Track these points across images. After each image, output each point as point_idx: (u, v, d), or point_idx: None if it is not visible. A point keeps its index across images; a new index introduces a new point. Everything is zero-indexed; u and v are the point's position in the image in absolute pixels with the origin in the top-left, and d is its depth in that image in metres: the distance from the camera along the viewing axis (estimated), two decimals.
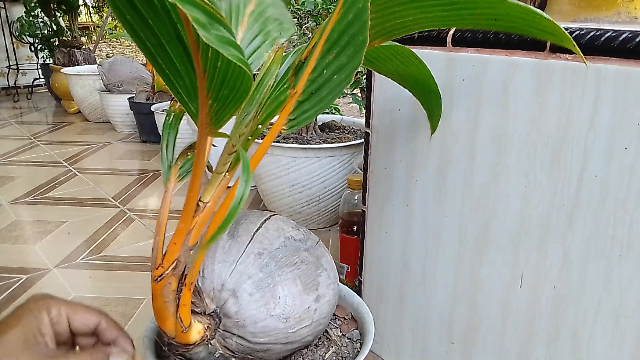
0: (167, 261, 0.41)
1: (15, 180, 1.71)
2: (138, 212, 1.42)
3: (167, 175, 0.46)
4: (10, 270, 1.09)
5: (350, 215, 0.91)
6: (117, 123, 2.40)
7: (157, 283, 0.41)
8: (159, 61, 0.31)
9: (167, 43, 0.30)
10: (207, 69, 0.30)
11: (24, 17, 3.09)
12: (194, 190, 0.39)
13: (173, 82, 0.33)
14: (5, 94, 3.45)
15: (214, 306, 0.44)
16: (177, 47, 0.30)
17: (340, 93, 0.37)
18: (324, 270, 0.49)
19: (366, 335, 0.53)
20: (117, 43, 6.42)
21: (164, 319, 0.43)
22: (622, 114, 0.44)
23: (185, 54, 0.30)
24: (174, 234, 0.41)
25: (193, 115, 0.35)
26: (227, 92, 0.31)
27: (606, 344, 0.50)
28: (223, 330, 0.45)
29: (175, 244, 0.41)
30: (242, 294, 0.44)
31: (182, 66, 0.31)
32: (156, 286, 0.42)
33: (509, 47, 0.51)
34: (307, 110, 0.38)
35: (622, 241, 0.47)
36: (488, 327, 0.60)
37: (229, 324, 0.44)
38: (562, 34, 0.33)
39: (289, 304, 0.45)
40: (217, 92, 0.31)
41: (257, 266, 0.45)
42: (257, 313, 0.44)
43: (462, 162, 0.58)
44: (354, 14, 0.33)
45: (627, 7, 0.57)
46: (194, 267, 0.42)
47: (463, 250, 0.61)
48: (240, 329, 0.44)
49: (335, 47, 0.35)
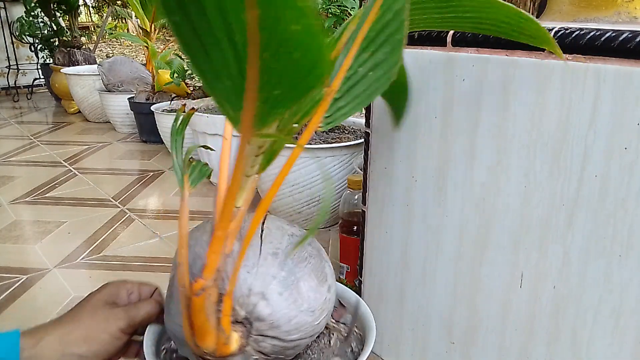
0: (209, 272, 0.39)
1: (15, 180, 1.71)
2: (138, 212, 1.42)
3: (182, 183, 0.44)
4: (10, 270, 1.10)
5: (350, 215, 0.91)
6: (117, 123, 2.40)
7: (199, 297, 0.39)
8: (200, 63, 0.30)
9: (213, 44, 0.29)
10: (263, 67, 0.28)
11: (24, 17, 3.09)
12: (232, 196, 0.37)
13: (214, 85, 0.31)
14: (5, 94, 3.45)
15: (244, 312, 0.44)
16: (226, 48, 0.29)
17: (379, 90, 0.36)
18: (326, 261, 0.50)
19: (368, 331, 0.53)
20: (117, 43, 6.42)
21: (205, 334, 0.41)
22: (622, 114, 0.44)
23: (234, 55, 0.29)
24: (213, 243, 0.39)
25: (232, 119, 0.33)
26: (278, 92, 0.29)
27: (606, 344, 0.50)
28: (256, 334, 0.44)
29: (214, 253, 0.39)
30: (271, 295, 0.44)
31: (228, 68, 0.30)
32: (197, 300, 0.39)
33: (509, 47, 0.51)
34: (343, 107, 0.38)
35: (622, 241, 0.47)
36: (488, 327, 0.60)
37: (262, 327, 0.44)
38: (546, 37, 0.33)
39: (312, 298, 0.46)
40: (268, 92, 0.29)
41: (277, 266, 0.45)
42: (289, 311, 0.44)
43: (462, 162, 0.58)
44: (393, 14, 0.34)
45: (627, 7, 0.57)
46: (235, 273, 0.41)
47: (463, 250, 0.61)
48: (275, 329, 0.44)
49: (371, 46, 0.35)
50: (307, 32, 0.24)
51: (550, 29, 0.48)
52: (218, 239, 0.39)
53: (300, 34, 0.24)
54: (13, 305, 0.97)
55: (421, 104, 0.61)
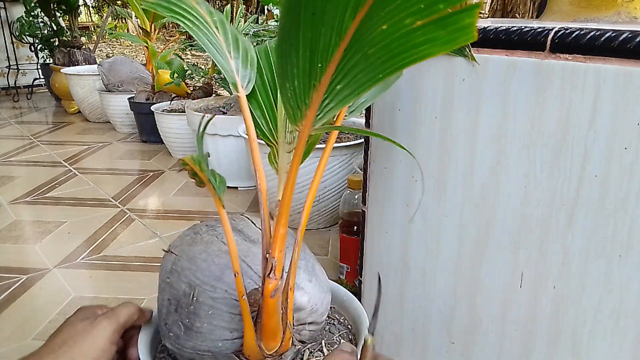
0: (279, 271, 0.39)
1: (15, 180, 1.71)
2: (138, 212, 1.42)
3: (222, 191, 0.42)
4: (10, 270, 1.10)
5: (350, 215, 0.91)
6: (117, 123, 2.40)
7: (274, 298, 0.38)
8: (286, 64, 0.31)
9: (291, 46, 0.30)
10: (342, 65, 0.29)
11: (24, 17, 3.09)
12: (290, 192, 0.37)
13: (286, 84, 0.32)
14: (5, 94, 3.45)
15: None
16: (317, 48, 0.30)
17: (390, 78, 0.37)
18: (305, 244, 0.53)
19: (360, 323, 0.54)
20: (117, 43, 6.42)
21: (274, 334, 0.40)
22: (622, 114, 0.44)
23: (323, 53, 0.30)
24: (278, 242, 0.39)
25: (292, 117, 0.34)
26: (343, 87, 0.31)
27: (606, 344, 0.50)
28: (297, 324, 0.46)
29: (281, 252, 0.39)
30: (304, 284, 0.46)
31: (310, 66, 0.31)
32: (272, 302, 0.38)
33: (509, 47, 0.51)
34: None
35: (622, 241, 0.47)
36: (488, 327, 0.60)
37: (302, 316, 0.46)
38: None
39: (324, 279, 0.50)
40: (333, 87, 0.31)
41: None
42: (320, 294, 0.47)
43: (462, 162, 0.58)
44: None
45: (627, 7, 0.57)
46: (294, 267, 0.41)
47: (463, 250, 0.61)
48: (314, 314, 0.46)
49: None
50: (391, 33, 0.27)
51: (550, 29, 0.48)
52: (282, 237, 0.39)
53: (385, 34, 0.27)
54: (13, 305, 0.97)
55: (421, 104, 0.61)
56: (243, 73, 0.46)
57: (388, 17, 0.26)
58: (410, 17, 0.26)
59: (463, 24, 0.25)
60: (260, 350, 0.42)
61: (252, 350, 0.42)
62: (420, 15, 0.26)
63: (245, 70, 0.47)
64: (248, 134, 0.44)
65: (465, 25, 0.25)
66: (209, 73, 2.02)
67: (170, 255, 0.48)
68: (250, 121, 0.45)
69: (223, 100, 1.84)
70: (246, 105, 0.45)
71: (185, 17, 0.44)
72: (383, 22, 0.27)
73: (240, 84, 0.46)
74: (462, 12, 0.25)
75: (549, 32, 0.48)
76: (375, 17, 0.27)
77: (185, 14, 0.44)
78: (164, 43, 4.44)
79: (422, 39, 0.26)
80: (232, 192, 1.59)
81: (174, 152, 1.98)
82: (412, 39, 0.27)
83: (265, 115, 0.48)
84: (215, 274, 0.44)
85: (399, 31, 0.27)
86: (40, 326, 0.90)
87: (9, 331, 0.89)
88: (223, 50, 0.46)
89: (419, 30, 0.26)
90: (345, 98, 0.31)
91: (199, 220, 1.37)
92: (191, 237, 0.48)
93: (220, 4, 4.66)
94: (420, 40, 0.26)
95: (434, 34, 0.26)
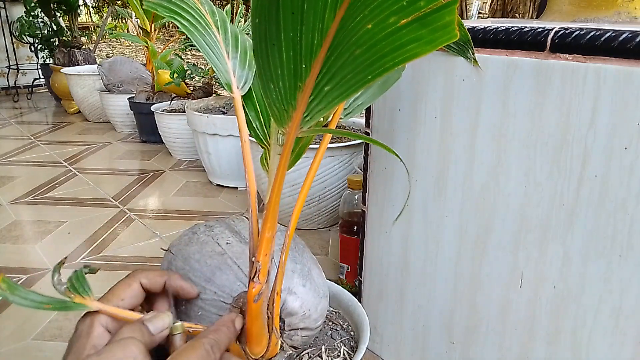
0: (263, 275, 0.38)
1: (15, 180, 1.71)
2: (138, 212, 1.42)
3: None
4: (10, 270, 1.10)
5: (350, 215, 0.91)
6: (117, 123, 2.40)
7: (257, 303, 0.37)
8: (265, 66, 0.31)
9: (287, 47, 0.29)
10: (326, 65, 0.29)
11: (24, 17, 3.09)
12: (277, 195, 0.36)
13: (270, 86, 0.32)
14: (5, 94, 3.45)
15: None
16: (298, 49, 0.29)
17: None
18: (306, 248, 0.52)
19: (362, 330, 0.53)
20: (117, 43, 6.42)
21: (260, 339, 0.39)
22: (622, 114, 0.44)
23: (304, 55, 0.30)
24: (263, 245, 0.38)
25: (278, 119, 0.33)
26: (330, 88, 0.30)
27: (606, 344, 0.50)
28: (289, 329, 0.45)
29: (266, 255, 0.38)
30: (297, 288, 0.45)
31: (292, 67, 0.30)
32: (255, 307, 0.38)
33: (509, 47, 0.51)
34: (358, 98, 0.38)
35: (622, 241, 0.47)
36: (488, 327, 0.60)
37: (294, 321, 0.45)
38: None
39: (321, 283, 0.49)
40: (320, 89, 0.30)
41: (290, 260, 0.46)
42: (314, 299, 0.46)
43: (462, 162, 0.58)
44: None
45: (627, 7, 0.57)
46: (282, 272, 0.40)
47: (463, 250, 0.61)
48: (306, 320, 0.46)
49: None
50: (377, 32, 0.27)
51: (550, 29, 0.48)
52: (268, 240, 0.38)
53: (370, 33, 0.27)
54: (13, 305, 0.97)
55: (421, 104, 0.61)
56: (240, 73, 0.46)
57: (372, 16, 0.26)
58: (394, 15, 0.26)
59: (443, 23, 0.25)
60: (245, 354, 0.41)
61: (237, 354, 0.42)
62: (404, 13, 0.25)
63: (242, 70, 0.46)
64: (240, 135, 0.44)
65: (446, 24, 0.25)
66: (209, 73, 2.02)
67: (168, 254, 0.48)
68: (243, 122, 0.44)
69: (223, 100, 1.84)
70: (240, 106, 0.45)
71: (184, 17, 0.44)
72: (367, 21, 0.26)
73: (235, 85, 0.45)
74: (440, 9, 0.24)
75: (549, 32, 0.48)
76: (358, 16, 0.26)
77: (185, 14, 0.44)
78: (164, 43, 4.44)
79: (408, 38, 0.26)
80: (232, 192, 1.59)
81: (174, 152, 1.98)
82: (398, 38, 0.26)
83: (260, 116, 0.47)
84: (206, 275, 0.43)
85: (385, 30, 0.26)
86: (40, 326, 0.90)
87: (9, 331, 0.89)
88: (220, 51, 0.45)
89: (404, 29, 0.26)
90: (334, 99, 0.30)
91: (198, 220, 1.37)
92: (189, 237, 0.48)
93: (221, 4, 4.67)
94: (407, 39, 0.26)
95: (418, 33, 0.26)
